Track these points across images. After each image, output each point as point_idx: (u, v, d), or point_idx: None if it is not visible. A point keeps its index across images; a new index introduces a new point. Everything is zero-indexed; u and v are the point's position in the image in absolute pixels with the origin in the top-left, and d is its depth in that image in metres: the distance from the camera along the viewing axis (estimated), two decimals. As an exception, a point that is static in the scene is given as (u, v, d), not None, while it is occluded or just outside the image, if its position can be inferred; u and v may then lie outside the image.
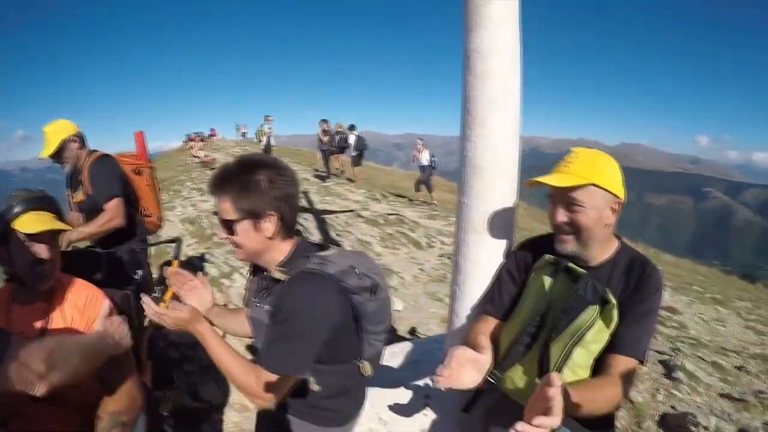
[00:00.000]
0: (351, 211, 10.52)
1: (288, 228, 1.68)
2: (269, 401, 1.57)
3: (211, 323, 1.79)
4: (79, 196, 3.43)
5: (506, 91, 2.01)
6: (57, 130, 3.40)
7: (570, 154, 1.72)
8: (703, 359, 4.95)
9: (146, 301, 1.68)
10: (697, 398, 4.06)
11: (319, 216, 9.33)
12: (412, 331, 4.88)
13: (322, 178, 15.80)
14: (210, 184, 1.65)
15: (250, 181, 1.58)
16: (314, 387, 1.72)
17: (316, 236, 7.80)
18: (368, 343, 1.75)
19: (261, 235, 1.61)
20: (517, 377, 1.76)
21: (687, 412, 3.69)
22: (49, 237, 1.79)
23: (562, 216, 1.69)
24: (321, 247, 1.75)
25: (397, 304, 5.47)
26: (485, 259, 2.13)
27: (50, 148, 3.36)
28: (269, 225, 1.60)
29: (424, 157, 14.15)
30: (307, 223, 8.75)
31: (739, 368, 4.89)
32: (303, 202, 10.91)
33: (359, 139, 16.03)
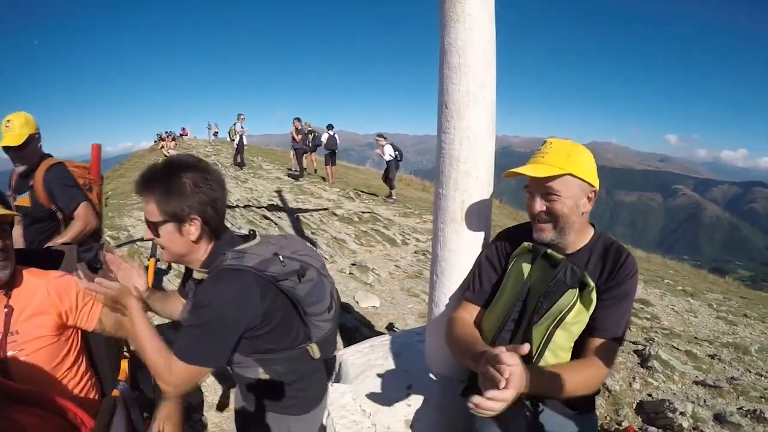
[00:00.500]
0: (325, 209, 10.49)
1: (213, 231, 1.68)
2: (173, 387, 1.59)
3: (149, 308, 1.92)
4: (24, 200, 3.31)
5: (482, 85, 2.05)
6: (25, 122, 3.24)
7: (545, 145, 1.77)
8: (676, 348, 5.05)
9: (79, 275, 1.81)
10: (673, 386, 4.14)
11: (294, 214, 9.27)
12: (390, 327, 4.89)
13: (295, 177, 15.73)
14: (136, 185, 1.63)
15: (175, 184, 1.57)
16: (263, 376, 1.74)
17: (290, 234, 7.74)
18: (313, 325, 1.79)
19: (185, 238, 1.62)
20: None
21: (664, 399, 3.76)
22: None
23: (539, 205, 1.74)
24: (247, 238, 1.74)
25: (373, 301, 5.46)
26: (463, 248, 2.18)
27: (18, 139, 3.19)
28: (193, 229, 1.61)
29: (387, 152, 14.28)
30: (281, 221, 8.70)
31: (712, 357, 5.00)
32: (277, 201, 10.86)
33: (330, 138, 16.01)
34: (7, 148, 3.23)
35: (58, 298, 1.90)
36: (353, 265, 6.71)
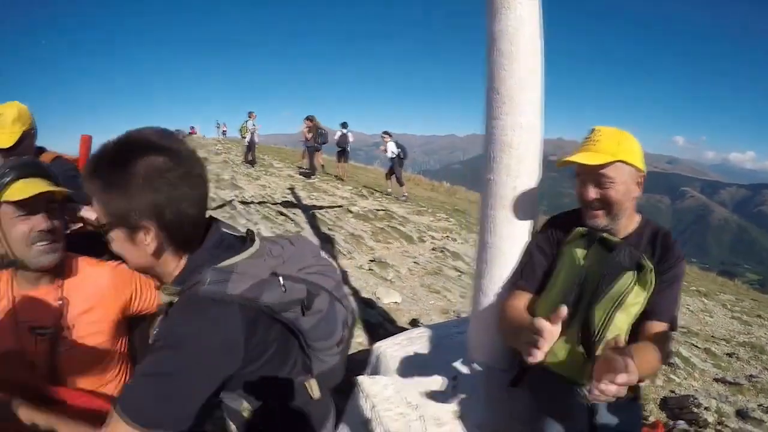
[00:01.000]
0: (339, 206, 10.51)
1: (180, 242, 1.21)
2: None
3: None
4: None
5: (532, 71, 2.07)
6: (18, 117, 2.70)
7: (594, 132, 1.84)
8: (695, 346, 5.12)
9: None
10: (694, 383, 4.20)
11: (309, 211, 9.31)
12: (414, 322, 4.89)
13: (307, 175, 15.77)
14: (83, 170, 1.24)
15: (120, 175, 1.11)
16: (246, 410, 1.32)
17: (306, 231, 7.78)
18: (316, 359, 1.38)
19: (140, 249, 1.18)
20: (558, 348, 1.79)
21: (688, 394, 3.80)
22: (46, 204, 1.58)
23: (593, 193, 1.80)
24: (242, 241, 1.31)
25: (395, 297, 5.47)
26: (514, 234, 2.17)
27: (12, 138, 2.64)
28: (148, 238, 1.16)
29: (390, 149, 14.43)
30: (297, 218, 8.72)
31: (730, 355, 5.07)
32: (291, 198, 10.90)
33: (342, 135, 16.16)
34: None
35: (119, 289, 1.74)
36: (372, 261, 6.74)
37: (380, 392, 2.33)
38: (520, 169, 2.11)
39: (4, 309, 1.61)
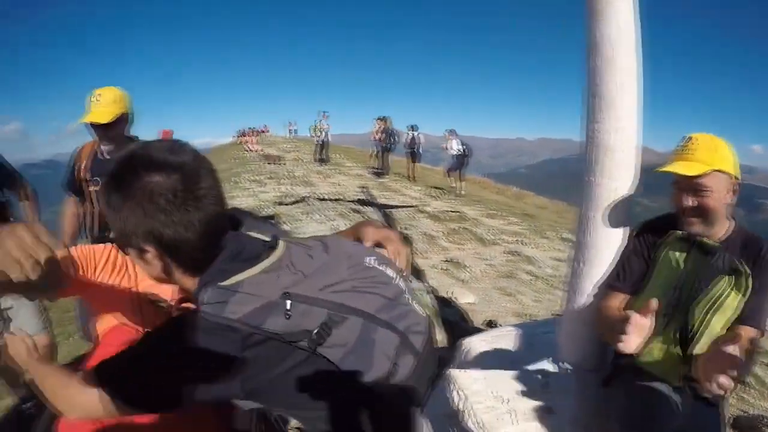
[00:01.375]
0: (412, 206, 10.61)
1: (190, 263, 1.08)
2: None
3: None
4: None
5: (631, 75, 2.12)
6: (118, 99, 2.95)
7: (690, 141, 1.90)
8: (770, 366, 4.87)
9: None
10: (765, 403, 4.03)
11: (382, 210, 9.49)
12: (490, 324, 4.91)
13: (379, 175, 15.98)
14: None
15: (116, 196, 1.02)
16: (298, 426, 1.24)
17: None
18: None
19: (151, 268, 1.09)
20: (655, 349, 1.89)
21: (760, 414, 3.68)
22: None
23: (689, 201, 1.87)
24: (267, 246, 1.12)
25: (469, 297, 5.53)
26: (610, 236, 2.22)
27: (105, 116, 2.88)
28: (155, 261, 1.07)
29: (454, 147, 14.54)
30: (371, 216, 8.94)
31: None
32: (363, 196, 11.12)
33: (413, 138, 16.32)
34: (94, 125, 2.94)
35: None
36: (446, 261, 6.80)
37: (471, 385, 2.38)
38: (621, 172, 2.16)
39: (126, 280, 1.69)
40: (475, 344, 2.81)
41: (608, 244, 2.22)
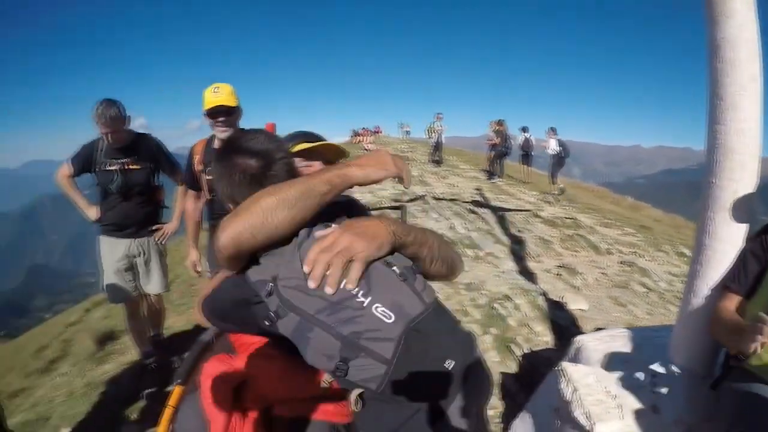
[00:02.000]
0: (527, 210, 10.65)
1: None
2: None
3: None
4: None
5: (753, 78, 2.18)
6: (233, 92, 3.29)
7: None
8: None
9: None
10: None
11: (498, 213, 9.61)
12: (600, 331, 4.98)
13: (491, 177, 16.06)
14: None
15: (214, 167, 1.48)
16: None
17: (496, 231, 8.10)
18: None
19: None
20: (765, 351, 1.86)
21: None
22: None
23: None
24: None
25: (581, 304, 5.54)
26: (730, 237, 2.30)
27: (234, 101, 3.26)
28: None
29: (551, 146, 14.50)
30: (486, 217, 9.11)
31: None
32: (479, 198, 11.32)
33: (525, 140, 16.32)
34: (218, 109, 3.20)
35: None
36: (560, 266, 6.85)
37: (581, 378, 2.52)
38: (742, 174, 2.23)
39: None
40: (587, 342, 2.95)
41: (727, 246, 2.29)
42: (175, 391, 1.88)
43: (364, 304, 1.26)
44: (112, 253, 3.91)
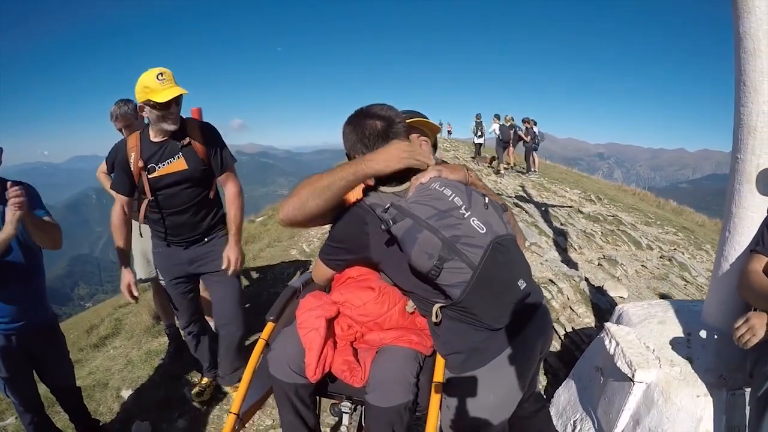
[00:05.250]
0: (570, 206, 10.87)
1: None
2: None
3: None
4: (179, 164, 3.13)
5: None
6: (173, 76, 2.94)
7: None
8: None
9: None
10: None
11: (541, 207, 9.88)
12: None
13: (523, 173, 16.96)
14: None
15: (350, 126, 1.86)
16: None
17: (540, 223, 8.38)
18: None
19: None
20: None
21: None
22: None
23: None
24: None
25: (621, 291, 5.72)
26: (755, 205, 2.54)
27: (183, 91, 2.91)
28: None
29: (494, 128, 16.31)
30: (531, 211, 9.40)
31: None
32: (523, 194, 11.62)
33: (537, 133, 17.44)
34: (177, 101, 2.94)
35: None
36: (601, 258, 7.00)
37: (624, 336, 2.80)
38: (763, 149, 2.47)
39: None
40: (630, 309, 3.21)
41: (753, 214, 2.52)
42: (268, 326, 2.21)
43: (465, 216, 1.68)
44: (139, 236, 3.65)
